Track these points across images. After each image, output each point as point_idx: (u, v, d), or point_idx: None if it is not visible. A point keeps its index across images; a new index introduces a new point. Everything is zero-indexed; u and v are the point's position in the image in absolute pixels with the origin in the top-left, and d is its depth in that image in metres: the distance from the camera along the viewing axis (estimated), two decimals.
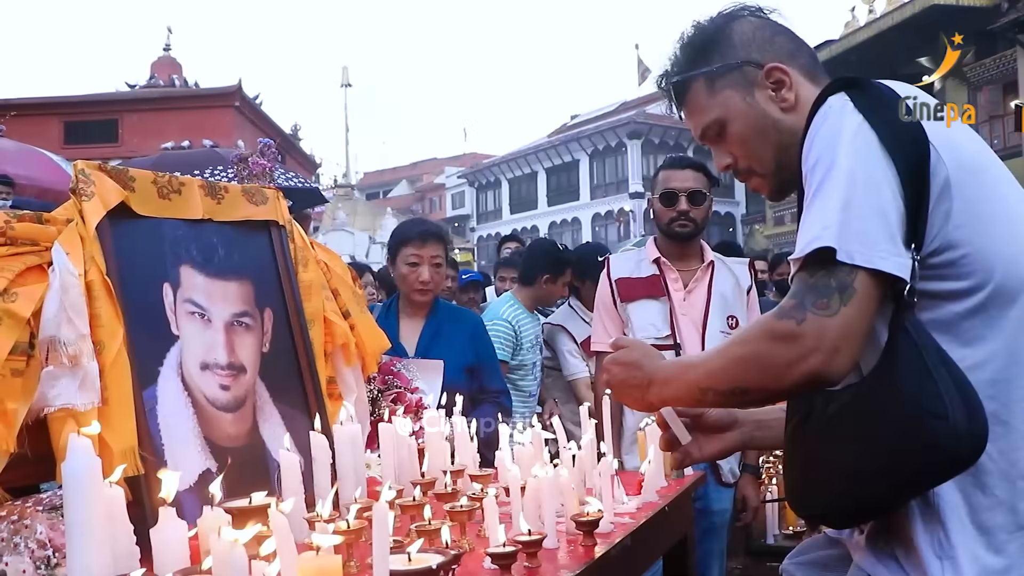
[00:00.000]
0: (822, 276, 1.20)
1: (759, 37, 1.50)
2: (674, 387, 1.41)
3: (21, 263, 1.50)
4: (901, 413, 1.18)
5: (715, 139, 1.54)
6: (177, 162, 4.63)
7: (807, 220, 1.24)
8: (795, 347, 1.19)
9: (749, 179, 1.55)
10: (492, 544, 1.45)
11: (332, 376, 2.13)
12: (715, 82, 1.50)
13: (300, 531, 1.45)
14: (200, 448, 1.71)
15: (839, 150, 1.24)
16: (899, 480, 1.21)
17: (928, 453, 1.17)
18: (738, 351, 1.30)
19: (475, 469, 1.93)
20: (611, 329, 3.21)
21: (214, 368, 1.80)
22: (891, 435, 1.19)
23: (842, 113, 1.28)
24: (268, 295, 2.00)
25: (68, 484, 1.18)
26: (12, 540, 1.26)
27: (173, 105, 27.69)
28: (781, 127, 1.46)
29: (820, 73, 1.51)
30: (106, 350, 1.54)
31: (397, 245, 3.19)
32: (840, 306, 1.18)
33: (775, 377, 1.23)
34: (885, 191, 1.21)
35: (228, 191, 1.97)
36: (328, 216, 27.67)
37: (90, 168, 1.67)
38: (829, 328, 1.18)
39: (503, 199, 43.10)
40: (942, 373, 1.18)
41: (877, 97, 1.29)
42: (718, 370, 1.32)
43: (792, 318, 1.21)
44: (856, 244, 1.18)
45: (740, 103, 1.48)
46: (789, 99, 1.46)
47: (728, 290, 3.21)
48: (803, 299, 1.21)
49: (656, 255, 3.24)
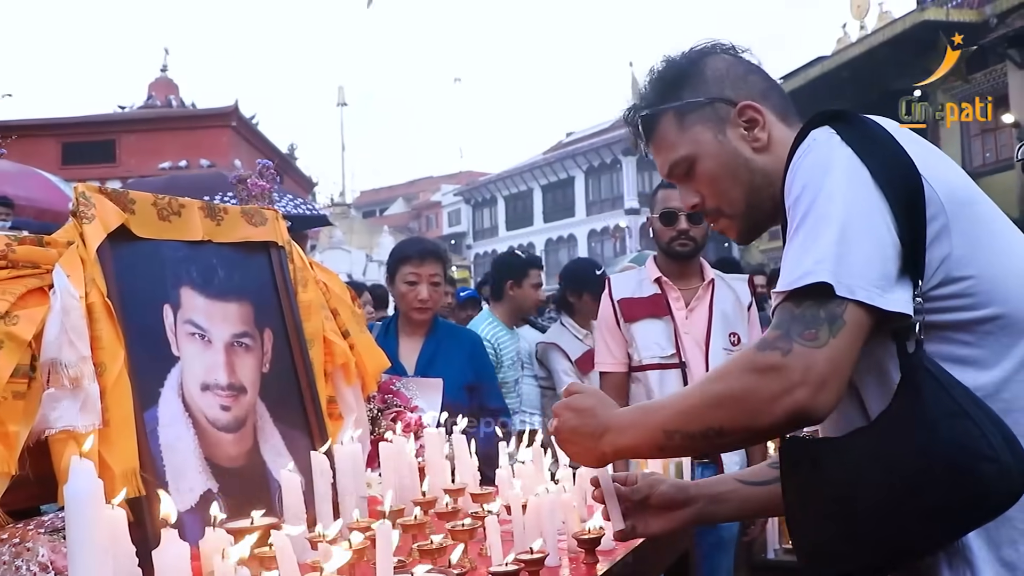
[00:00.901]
0: (810, 307, 1.14)
1: (732, 74, 1.47)
2: (632, 434, 1.30)
3: (22, 286, 1.51)
4: (942, 459, 1.11)
5: (683, 177, 1.48)
6: (187, 186, 4.66)
7: (795, 252, 1.19)
8: (779, 380, 1.12)
9: (717, 220, 1.49)
10: (495, 563, 1.45)
11: (332, 396, 2.13)
12: (685, 117, 1.45)
13: (302, 551, 1.45)
14: (201, 469, 1.71)
15: (829, 181, 1.19)
16: (945, 527, 1.15)
17: (980, 496, 1.11)
18: (714, 388, 1.21)
19: (476, 488, 1.93)
20: (614, 349, 3.23)
21: (215, 389, 1.81)
22: (935, 482, 1.12)
23: (829, 145, 1.24)
24: (268, 315, 2.00)
25: (70, 506, 1.18)
26: (14, 563, 1.25)
27: (170, 125, 27.81)
28: (753, 167, 1.42)
29: (792, 114, 1.47)
30: (107, 372, 1.54)
31: (396, 264, 3.21)
32: (829, 337, 1.12)
33: (755, 414, 1.15)
34: (881, 224, 1.17)
35: (227, 212, 1.98)
36: (325, 235, 27.70)
37: (91, 191, 1.68)
38: (817, 360, 1.11)
39: (499, 216, 43.17)
40: (977, 412, 1.12)
41: (864, 130, 1.25)
42: (689, 409, 1.23)
43: (777, 349, 1.14)
44: (856, 279, 1.13)
45: (711, 141, 1.43)
46: (762, 139, 1.42)
47: (729, 307, 3.24)
48: (789, 329, 1.14)
49: (657, 274, 3.26)
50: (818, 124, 1.28)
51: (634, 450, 1.37)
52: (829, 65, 20.15)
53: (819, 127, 1.28)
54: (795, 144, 1.29)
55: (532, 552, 1.44)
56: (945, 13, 17.56)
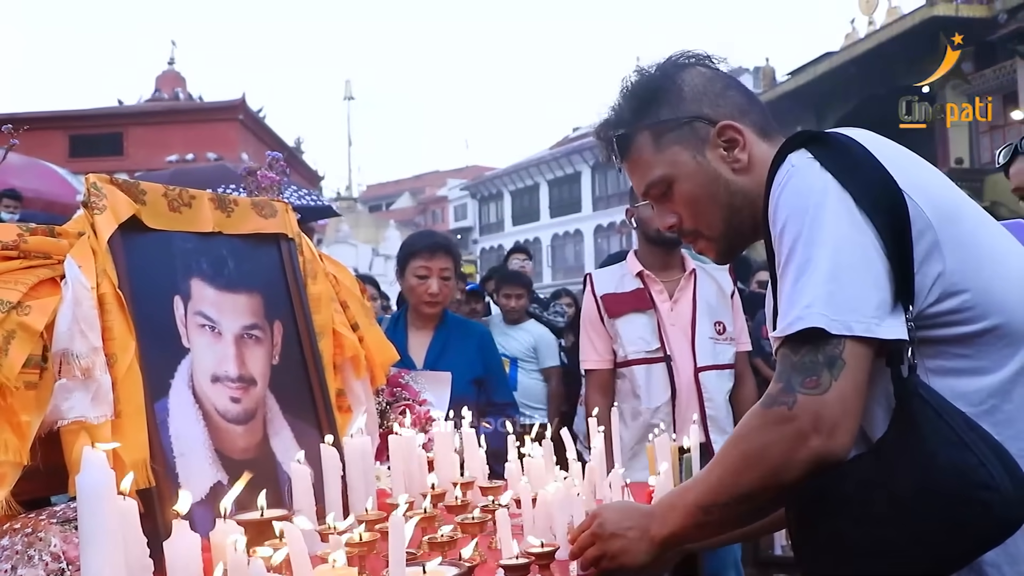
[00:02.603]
0: (807, 352, 1.13)
1: (710, 91, 1.41)
2: (673, 518, 1.31)
3: (34, 276, 1.51)
4: (942, 489, 1.10)
5: (659, 197, 1.44)
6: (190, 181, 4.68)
7: (787, 293, 1.17)
8: (791, 433, 1.12)
9: (695, 241, 1.46)
10: (505, 556, 1.45)
11: (341, 388, 2.13)
12: (662, 137, 1.40)
13: (312, 543, 1.45)
14: (211, 460, 1.71)
15: (814, 213, 1.17)
16: (950, 554, 1.13)
17: (981, 525, 1.10)
18: (733, 454, 1.22)
19: (485, 481, 1.93)
20: (599, 345, 3.22)
21: (224, 381, 1.81)
22: (934, 510, 1.11)
23: (808, 172, 1.20)
24: (278, 307, 2.00)
25: (82, 497, 1.18)
26: (27, 552, 1.26)
27: (178, 119, 27.86)
28: (732, 189, 1.38)
29: (772, 129, 1.43)
30: (118, 363, 1.55)
31: (406, 257, 3.20)
32: (832, 381, 1.11)
33: (776, 471, 1.15)
34: (870, 252, 1.15)
35: (238, 204, 1.98)
36: (331, 229, 27.73)
37: (102, 182, 1.68)
38: (824, 406, 1.11)
39: (505, 211, 43.15)
40: (975, 439, 1.11)
41: (843, 154, 1.22)
42: (716, 482, 1.24)
43: (783, 404, 1.14)
44: (851, 313, 1.12)
45: (689, 161, 1.39)
46: (742, 159, 1.38)
47: (712, 296, 3.24)
48: (790, 380, 1.14)
49: (639, 268, 3.25)
50: (795, 146, 1.25)
51: (681, 535, 1.33)
52: (837, 61, 20.10)
53: (795, 150, 1.24)
54: (773, 166, 1.26)
55: (543, 546, 1.44)
56: (954, 9, 17.50)
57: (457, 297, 4.64)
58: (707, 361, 3.13)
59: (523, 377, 5.12)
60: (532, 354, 5.17)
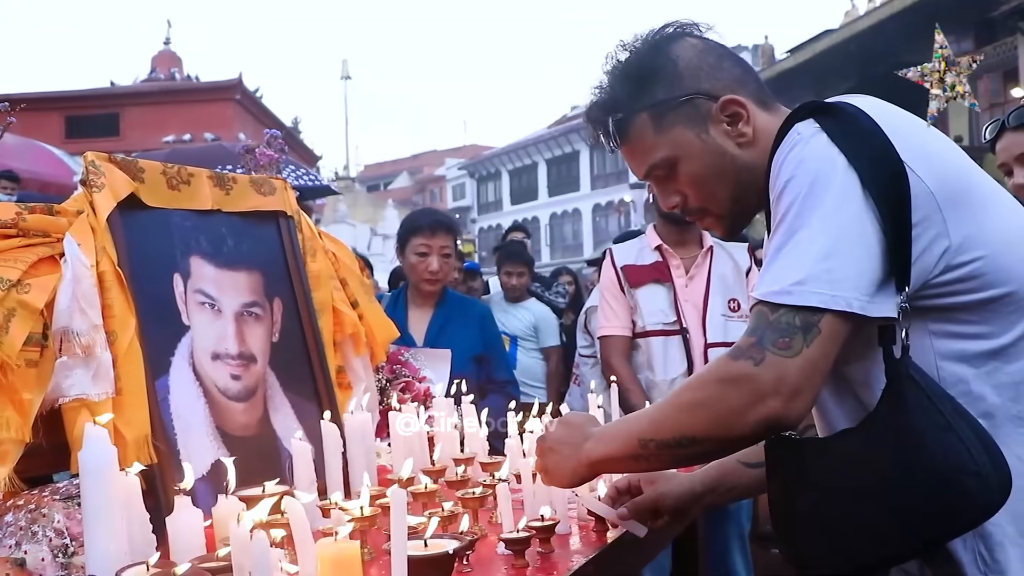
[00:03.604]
0: (785, 313, 1.12)
1: (706, 63, 1.36)
2: (609, 443, 1.31)
3: (33, 254, 1.51)
4: (927, 471, 1.10)
5: (662, 179, 1.40)
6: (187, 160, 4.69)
7: (779, 259, 1.16)
8: (751, 390, 1.11)
9: (701, 219, 1.43)
10: (505, 530, 1.46)
11: (341, 365, 2.14)
12: (663, 118, 1.35)
13: (313, 519, 1.46)
14: (212, 437, 1.72)
15: (816, 184, 1.15)
16: (928, 536, 1.13)
17: (962, 509, 1.10)
18: (687, 396, 1.20)
19: (485, 457, 1.94)
20: (620, 313, 3.26)
21: (225, 358, 1.81)
22: (917, 491, 1.11)
23: (815, 143, 1.18)
24: (277, 285, 2.01)
25: (85, 473, 1.19)
26: (30, 529, 1.26)
27: (174, 99, 27.69)
28: (739, 164, 1.35)
29: (769, 97, 1.39)
30: (118, 340, 1.55)
31: (407, 235, 3.20)
32: (803, 347, 1.10)
33: (727, 423, 1.15)
34: (868, 229, 1.13)
35: (236, 182, 1.98)
36: (329, 209, 27.70)
37: (100, 159, 1.67)
38: (789, 370, 1.10)
39: (504, 190, 43.07)
40: (962, 425, 1.11)
41: (850, 125, 1.19)
42: (662, 418, 1.23)
43: (749, 358, 1.12)
44: (840, 288, 1.10)
45: (693, 140, 1.34)
46: (747, 133, 1.34)
47: (728, 273, 3.26)
48: (762, 337, 1.12)
49: (658, 242, 3.29)
50: (803, 116, 1.23)
51: (611, 460, 1.33)
52: (837, 38, 19.98)
53: (804, 120, 1.22)
54: (779, 135, 1.24)
55: (543, 520, 1.45)
56: None
57: (454, 276, 4.64)
58: (718, 338, 3.15)
59: (522, 356, 5.12)
60: (532, 333, 5.17)
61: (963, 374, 1.19)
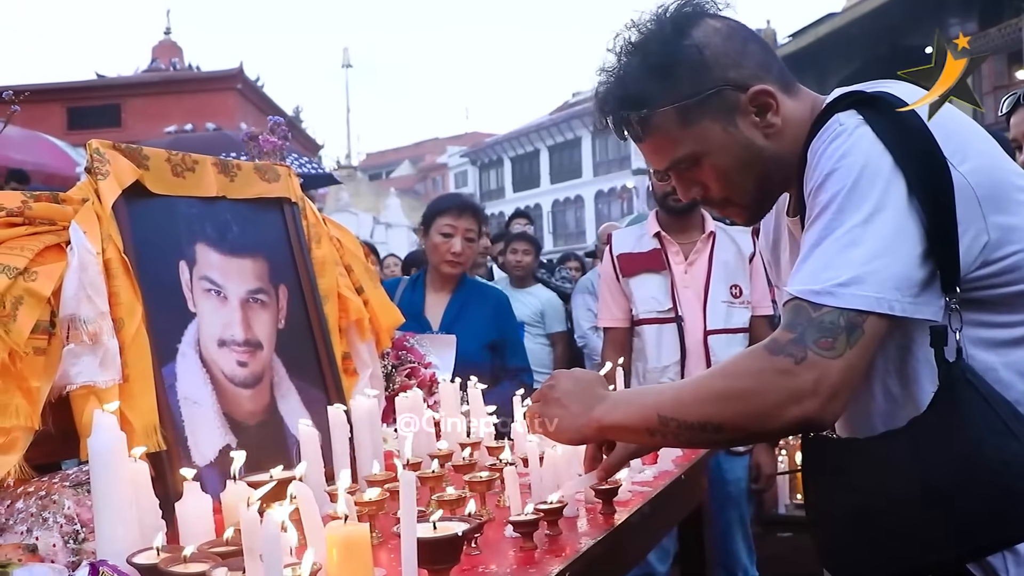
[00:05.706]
0: (829, 313, 1.09)
1: (731, 51, 1.28)
2: (625, 411, 1.27)
3: (39, 242, 1.51)
4: (988, 477, 1.08)
5: (684, 172, 1.34)
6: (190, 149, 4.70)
7: (819, 255, 1.13)
8: (790, 388, 1.09)
9: (724, 209, 1.38)
10: (513, 513, 1.46)
11: (347, 351, 2.14)
12: (689, 111, 1.28)
13: (321, 503, 1.47)
14: (220, 424, 1.73)
15: (861, 182, 1.12)
16: (981, 542, 1.12)
17: (1018, 517, 1.08)
18: (720, 384, 1.17)
19: (491, 441, 1.94)
20: (618, 303, 3.25)
21: (231, 345, 1.81)
22: (971, 497, 1.09)
23: (859, 138, 1.15)
24: (282, 271, 2.01)
25: (94, 460, 1.19)
26: (41, 515, 1.27)
27: (175, 89, 27.69)
28: (766, 156, 1.30)
29: (791, 79, 1.34)
30: (125, 328, 1.55)
31: (432, 215, 3.18)
32: (846, 348, 1.08)
33: (760, 417, 1.12)
34: (912, 231, 1.10)
35: (241, 169, 1.98)
36: (331, 197, 27.67)
37: (104, 147, 1.67)
38: (831, 371, 1.08)
39: (506, 178, 43.01)
40: (1021, 430, 1.10)
41: (896, 122, 1.14)
42: (690, 399, 1.19)
43: (790, 355, 1.10)
44: (884, 290, 1.08)
45: (720, 134, 1.28)
46: (776, 123, 1.29)
47: (731, 258, 3.24)
48: (804, 334, 1.10)
49: (657, 229, 3.27)
50: (844, 106, 1.19)
51: (623, 429, 1.31)
52: (839, 22, 19.88)
53: (845, 110, 1.18)
54: (816, 124, 1.21)
55: (550, 503, 1.45)
56: None
57: (478, 260, 4.61)
58: (718, 324, 3.14)
59: (529, 342, 5.10)
60: (539, 319, 5.15)
61: (992, 362, 1.18)
